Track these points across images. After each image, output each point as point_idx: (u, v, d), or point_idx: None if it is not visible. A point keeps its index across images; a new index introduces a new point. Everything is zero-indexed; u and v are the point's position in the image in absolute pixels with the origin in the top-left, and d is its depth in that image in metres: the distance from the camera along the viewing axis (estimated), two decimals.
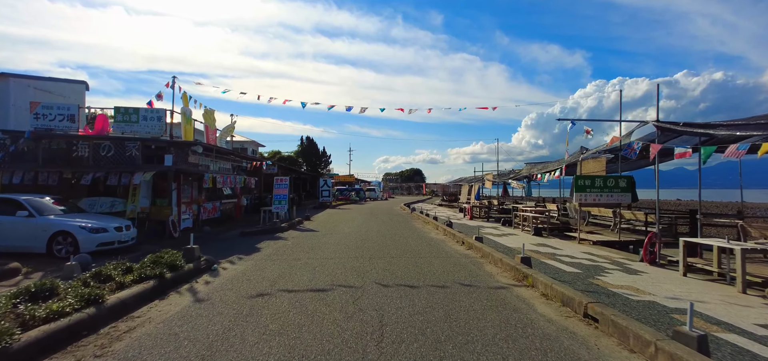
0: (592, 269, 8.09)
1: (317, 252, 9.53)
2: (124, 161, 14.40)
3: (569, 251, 11.09)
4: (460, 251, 9.97)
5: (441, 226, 14.81)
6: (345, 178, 56.90)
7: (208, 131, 17.35)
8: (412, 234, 13.47)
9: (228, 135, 19.76)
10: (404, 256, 9.01)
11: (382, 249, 9.99)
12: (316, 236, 12.97)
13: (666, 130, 10.06)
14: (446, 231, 13.49)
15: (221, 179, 16.11)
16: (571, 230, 16.18)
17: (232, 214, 19.61)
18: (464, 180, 39.96)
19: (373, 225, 16.47)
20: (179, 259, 7.03)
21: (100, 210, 14.34)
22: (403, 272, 7.28)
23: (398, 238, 12.41)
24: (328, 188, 32.86)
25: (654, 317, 4.82)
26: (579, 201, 13.31)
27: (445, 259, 8.70)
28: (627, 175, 14.56)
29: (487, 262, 8.42)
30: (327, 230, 14.84)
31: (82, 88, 19.77)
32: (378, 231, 14.29)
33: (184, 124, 15.24)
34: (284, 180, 17.04)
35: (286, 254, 9.39)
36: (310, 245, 10.70)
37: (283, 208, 16.56)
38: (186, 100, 15.48)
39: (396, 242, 11.30)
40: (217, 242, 12.12)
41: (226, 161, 19.03)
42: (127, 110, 14.79)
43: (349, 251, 9.65)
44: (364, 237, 12.40)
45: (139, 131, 14.82)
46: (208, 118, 17.37)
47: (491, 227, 17.32)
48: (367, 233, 13.45)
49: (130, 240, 11.11)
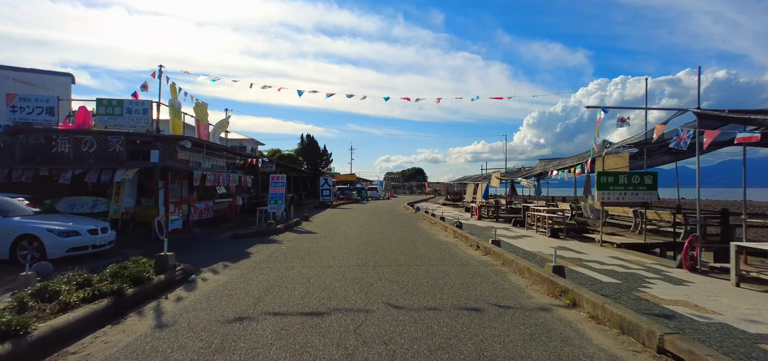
0: (629, 277, 6.97)
1: (314, 259, 8.39)
2: (107, 158, 13.30)
3: (594, 255, 9.96)
4: (476, 257, 8.80)
5: (450, 227, 13.64)
6: (346, 177, 55.76)
7: (200, 126, 16.22)
8: (420, 237, 12.31)
9: (222, 131, 18.63)
10: (414, 263, 7.85)
11: (387, 255, 8.83)
12: (315, 239, 11.83)
13: (708, 117, 8.90)
14: (457, 233, 12.33)
15: (213, 177, 14.98)
16: (588, 231, 14.99)
17: (227, 214, 18.49)
18: (469, 178, 38.75)
19: (377, 226, 15.32)
20: (148, 269, 5.90)
21: (81, 211, 13.25)
22: (414, 285, 6.12)
23: (405, 241, 11.26)
24: (328, 187, 31.72)
25: (739, 349, 3.69)
26: (601, 200, 12.15)
27: (461, 267, 7.54)
28: (652, 171, 13.37)
29: (511, 271, 7.26)
30: (326, 232, 13.69)
31: (68, 81, 18.67)
32: (382, 233, 13.14)
33: (173, 117, 14.12)
34: (281, 178, 15.91)
35: (278, 260, 8.25)
36: (306, 250, 9.56)
37: (280, 208, 15.43)
38: (174, 91, 14.35)
39: (403, 246, 10.15)
40: (205, 246, 10.99)
41: (219, 158, 17.90)
42: (111, 102, 13.68)
43: (351, 257, 8.50)
44: (367, 240, 11.25)
45: (124, 125, 13.72)
46: (199, 112, 16.25)
47: (503, 228, 16.15)
48: (370, 236, 12.30)
49: (108, 244, 9.99)
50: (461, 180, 42.33)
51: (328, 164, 53.82)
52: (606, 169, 14.41)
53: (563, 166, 14.60)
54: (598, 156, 13.82)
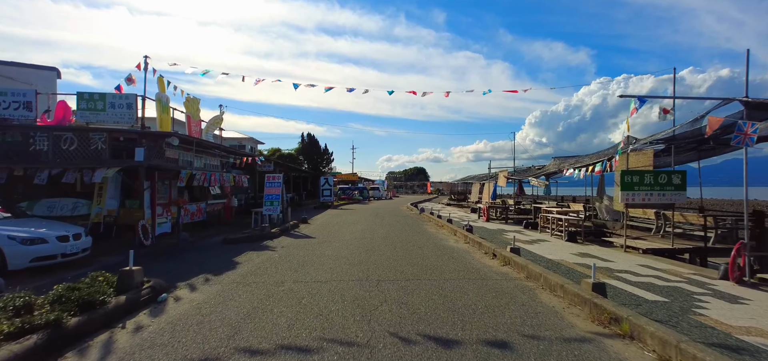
0: (675, 294, 5.95)
1: (309, 270, 7.33)
2: (88, 156, 12.30)
3: (622, 263, 8.93)
4: (494, 268, 7.73)
5: (459, 231, 12.57)
6: (348, 177, 54.74)
7: (191, 123, 15.20)
8: (427, 242, 11.24)
9: (216, 127, 17.60)
10: (424, 277, 6.78)
11: (392, 265, 7.77)
12: (312, 245, 10.78)
13: (759, 107, 7.82)
14: (468, 238, 11.25)
15: (203, 177, 13.96)
16: (606, 234, 13.90)
17: (221, 216, 17.48)
18: (474, 178, 37.66)
19: (379, 229, 14.26)
20: (105, 289, 4.87)
21: (60, 213, 12.27)
22: (427, 307, 5.06)
23: (411, 247, 10.19)
24: (329, 187, 30.67)
25: None
26: (625, 201, 11.11)
27: (481, 282, 6.46)
28: (680, 170, 12.24)
29: (539, 287, 6.19)
30: (325, 236, 12.64)
31: (53, 75, 17.70)
32: (385, 237, 12.08)
33: (160, 113, 13.09)
34: (277, 178, 14.86)
35: (268, 273, 7.20)
36: (301, 259, 8.51)
37: (276, 210, 14.39)
38: (162, 85, 13.33)
39: (409, 254, 9.09)
40: (191, 253, 9.96)
41: (212, 157, 16.89)
42: (92, 96, 12.66)
43: (351, 269, 7.44)
44: (369, 247, 10.19)
45: (107, 121, 12.70)
46: (190, 107, 15.23)
47: (514, 231, 15.08)
48: (373, 241, 11.24)
49: (81, 252, 8.96)
50: (465, 179, 41.20)
51: (329, 164, 52.77)
52: (630, 168, 13.34)
53: (581, 164, 13.50)
54: (623, 153, 12.73)
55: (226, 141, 37.02)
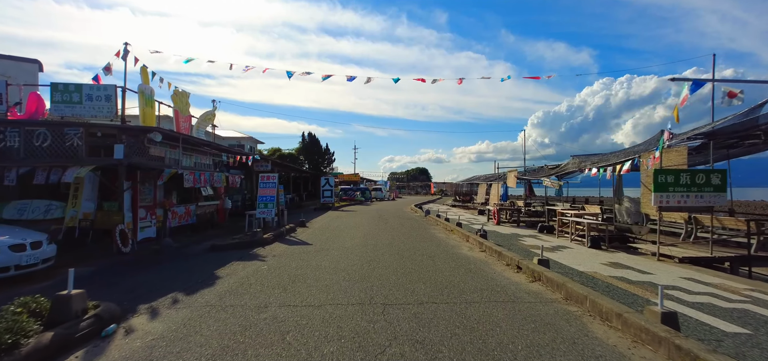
0: (750, 321, 4.77)
1: (300, 289, 6.10)
2: (63, 153, 11.15)
3: (662, 275, 7.75)
4: (522, 285, 6.48)
5: (472, 236, 11.33)
6: (350, 177, 53.55)
7: (179, 118, 14.03)
8: (438, 250, 10.01)
9: (208, 124, 16.42)
10: (440, 298, 5.55)
11: (401, 281, 6.54)
12: (307, 253, 9.56)
13: None
14: (484, 246, 10.00)
15: (192, 177, 12.77)
16: (629, 238, 12.65)
17: (213, 219, 16.30)
18: (479, 178, 36.40)
19: (383, 234, 13.04)
20: (28, 324, 3.68)
21: (32, 217, 11.08)
22: (450, 349, 3.80)
23: (420, 257, 8.97)
24: (330, 188, 29.45)
25: None
26: (659, 204, 9.89)
27: (511, 307, 5.22)
28: (719, 168, 10.95)
29: (585, 313, 4.94)
30: (323, 242, 11.42)
31: (35, 68, 16.57)
32: (390, 244, 10.85)
33: (143, 106, 11.91)
34: (271, 177, 13.65)
35: (251, 291, 5.98)
36: (293, 272, 7.29)
37: (270, 212, 13.19)
38: (146, 76, 12.14)
39: (419, 266, 7.85)
40: (170, 263, 8.77)
41: (203, 156, 15.72)
42: (68, 87, 11.51)
43: (351, 287, 6.21)
44: (373, 256, 8.97)
45: (84, 115, 11.55)
46: (178, 101, 14.05)
47: (529, 235, 13.84)
48: (376, 249, 10.02)
49: (41, 263, 7.80)
50: (470, 180, 39.91)
51: (330, 164, 51.64)
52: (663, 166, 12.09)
53: (606, 162, 12.21)
54: (643, 151, 11.46)
55: (226, 141, 35.85)
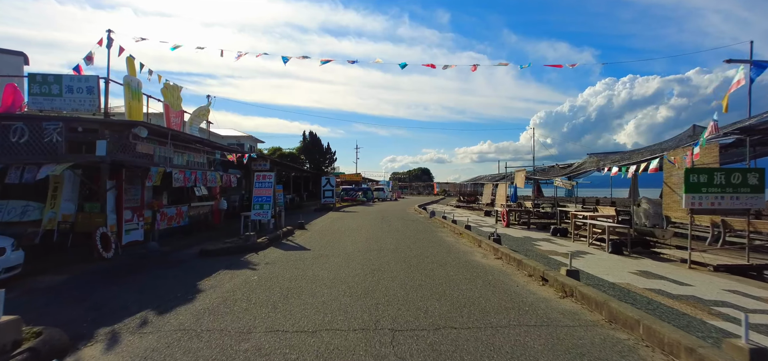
0: None
1: (293, 308, 5.19)
2: (41, 149, 10.28)
3: (704, 288, 6.85)
4: (553, 302, 5.55)
5: (485, 241, 10.40)
6: (351, 177, 52.68)
7: (170, 113, 13.16)
8: (449, 257, 9.08)
9: (202, 120, 15.56)
10: (459, 321, 4.62)
11: (410, 297, 5.62)
12: (304, 260, 8.65)
13: None
14: (499, 252, 9.06)
15: (182, 175, 11.90)
16: (651, 243, 11.72)
17: (208, 221, 15.43)
18: (484, 178, 35.46)
19: (387, 238, 12.12)
20: None
21: (7, 218, 10.24)
22: None
23: (430, 265, 8.05)
24: (331, 188, 28.54)
25: None
26: (690, 206, 8.96)
27: (547, 332, 4.28)
28: (756, 167, 9.98)
29: (639, 341, 4.01)
30: (322, 246, 10.52)
31: (20, 61, 15.74)
32: (395, 249, 9.94)
33: (129, 99, 11.05)
34: (267, 177, 12.75)
35: (234, 311, 5.07)
36: (286, 285, 6.37)
37: (266, 214, 12.29)
38: (132, 66, 11.28)
39: (430, 277, 6.93)
40: (152, 272, 7.87)
41: (197, 153, 14.84)
42: (46, 78, 10.66)
43: (352, 304, 5.29)
44: (377, 264, 8.05)
45: (64, 108, 10.70)
46: (169, 95, 13.18)
47: (542, 239, 12.91)
48: (381, 255, 9.10)
49: (3, 272, 6.93)
50: (475, 180, 38.95)
51: (331, 163, 50.78)
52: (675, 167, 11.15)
53: (629, 161, 11.23)
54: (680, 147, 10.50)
55: (225, 139, 35.02)
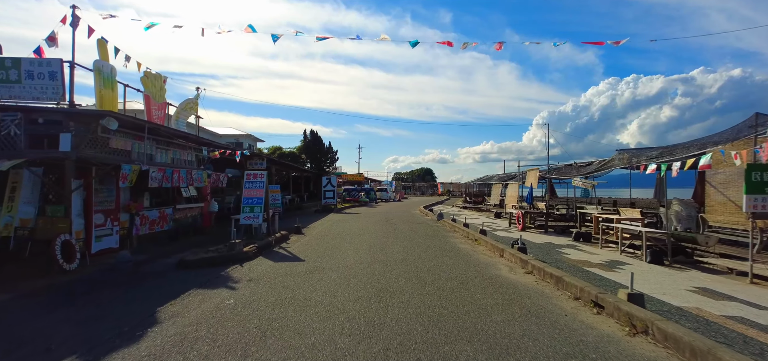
0: None
1: (267, 355, 3.78)
2: None
3: None
4: (622, 342, 4.12)
5: (508, 250, 8.96)
6: (354, 177, 51.30)
7: (151, 105, 11.80)
8: (468, 270, 7.65)
9: (190, 114, 14.20)
10: None
11: (431, 336, 4.20)
12: (296, 275, 7.24)
13: None
14: (529, 265, 7.61)
15: (162, 175, 10.54)
16: (689, 250, 10.29)
17: (197, 224, 14.07)
18: (492, 178, 33.97)
19: (394, 245, 10.71)
20: None
21: None
22: None
23: (448, 283, 6.63)
24: (332, 188, 27.15)
25: None
26: (752, 208, 7.57)
27: None
28: None
29: None
30: (319, 256, 9.11)
31: None
32: (404, 260, 8.53)
33: (99, 87, 9.69)
34: (259, 176, 11.36)
35: (192, 358, 3.68)
36: (266, 316, 4.96)
37: (257, 218, 10.90)
38: (104, 50, 9.93)
39: (452, 303, 5.51)
40: (111, 291, 6.49)
41: (184, 150, 13.47)
42: (3, 62, 9.32)
43: (351, 348, 3.85)
44: (383, 282, 6.64)
45: (24, 96, 9.36)
46: (150, 85, 11.81)
47: (566, 246, 11.48)
48: (387, 269, 7.69)
49: None
50: (482, 180, 37.48)
51: (333, 163, 49.33)
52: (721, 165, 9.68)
53: (669, 157, 9.73)
54: (740, 139, 9.06)
55: (223, 138, 33.68)
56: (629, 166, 11.79)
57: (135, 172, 9.47)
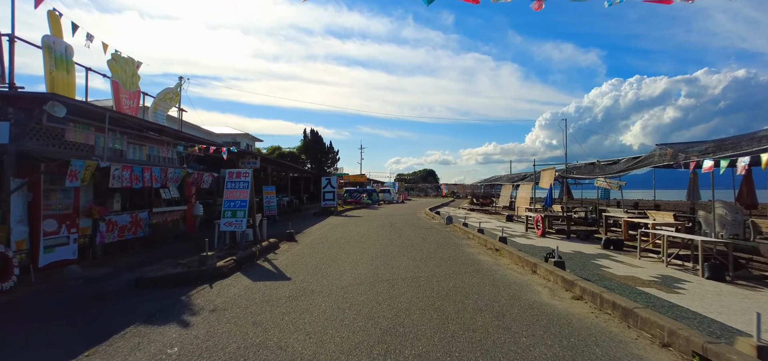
0: None
1: None
2: None
3: None
4: None
5: (542, 265, 7.29)
6: (356, 178, 49.72)
7: (120, 92, 10.21)
8: (499, 294, 6.00)
9: (170, 105, 12.61)
10: None
11: None
12: (274, 303, 5.60)
13: None
14: (576, 287, 5.95)
15: (126, 173, 8.95)
16: (739, 262, 8.62)
17: (178, 229, 12.48)
18: (502, 178, 32.24)
19: (401, 257, 9.08)
20: None
21: None
22: None
23: (477, 316, 4.98)
24: (332, 190, 25.52)
25: None
26: None
27: None
28: None
29: None
30: (310, 272, 7.48)
31: None
32: (415, 278, 6.90)
33: (50, 68, 8.12)
34: (242, 175, 9.73)
35: None
36: None
37: (240, 223, 9.28)
38: (56, 24, 8.35)
39: (489, 351, 3.88)
40: (29, 322, 4.88)
41: (163, 146, 11.88)
42: None
43: None
44: (389, 315, 4.99)
45: None
46: (120, 70, 10.23)
47: (599, 255, 9.83)
48: (394, 292, 6.05)
49: None
50: (490, 180, 35.71)
51: (334, 163, 47.74)
52: None
53: (731, 150, 8.02)
54: None
55: (220, 137, 32.10)
56: (675, 164, 10.13)
57: (89, 169, 7.87)
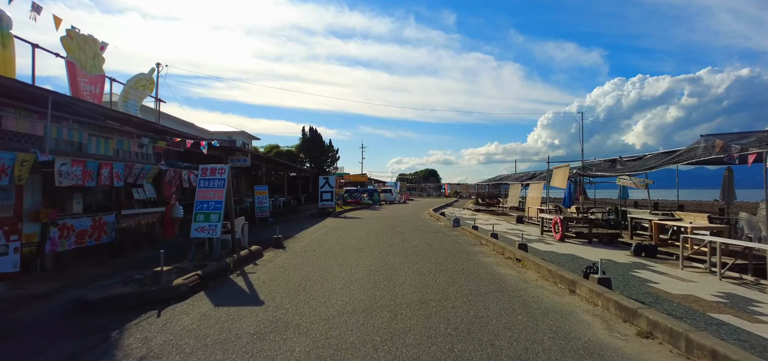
0: None
1: None
2: None
3: None
4: None
5: (582, 283, 5.80)
6: (357, 178, 48.22)
7: (77, 75, 8.78)
8: (539, 330, 4.50)
9: (144, 94, 11.17)
10: None
11: None
12: (232, 341, 4.11)
13: None
14: (640, 317, 4.46)
15: (78, 169, 7.52)
16: None
17: (154, 233, 11.05)
18: (509, 177, 30.68)
19: (404, 270, 7.60)
20: None
21: None
22: None
23: None
24: (330, 190, 24.03)
25: None
26: None
27: None
28: None
29: None
30: (290, 292, 6.02)
31: None
32: (423, 304, 5.43)
33: None
34: (218, 172, 8.25)
35: None
36: None
37: (214, 228, 7.83)
38: None
39: None
40: None
41: (132, 139, 10.44)
42: None
43: None
44: None
45: None
46: (77, 49, 8.80)
47: (635, 265, 8.32)
48: (396, 326, 4.57)
49: None
50: (496, 180, 34.12)
51: (334, 162, 46.29)
52: None
53: None
54: None
55: (215, 135, 30.64)
56: (727, 157, 8.62)
57: (25, 164, 6.44)
